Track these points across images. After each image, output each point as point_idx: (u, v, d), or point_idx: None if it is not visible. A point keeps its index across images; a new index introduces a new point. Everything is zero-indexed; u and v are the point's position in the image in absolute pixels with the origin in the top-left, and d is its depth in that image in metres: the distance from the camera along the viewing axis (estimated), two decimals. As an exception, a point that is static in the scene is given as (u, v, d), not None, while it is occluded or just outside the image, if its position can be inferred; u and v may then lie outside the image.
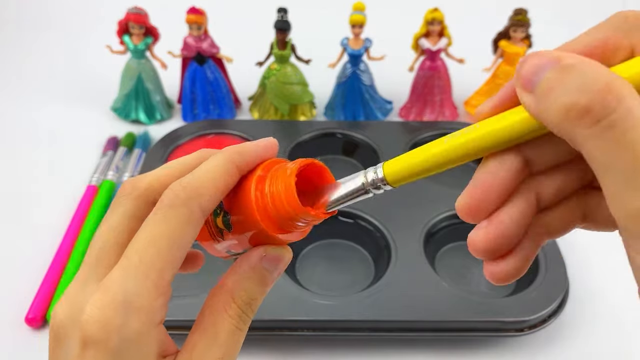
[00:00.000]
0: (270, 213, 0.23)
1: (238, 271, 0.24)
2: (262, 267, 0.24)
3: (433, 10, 0.69)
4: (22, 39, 0.95)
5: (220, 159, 0.23)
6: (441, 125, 0.71)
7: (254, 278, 0.23)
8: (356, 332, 0.47)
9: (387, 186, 0.23)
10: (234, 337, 0.23)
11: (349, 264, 0.55)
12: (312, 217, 0.23)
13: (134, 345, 0.20)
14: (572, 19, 0.98)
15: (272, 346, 0.49)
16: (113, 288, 0.20)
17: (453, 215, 0.55)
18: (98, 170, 0.65)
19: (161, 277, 0.21)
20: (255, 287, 0.24)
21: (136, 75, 0.73)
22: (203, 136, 0.68)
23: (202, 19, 0.69)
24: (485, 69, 0.73)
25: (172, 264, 0.21)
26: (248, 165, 0.24)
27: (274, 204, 0.23)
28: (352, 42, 0.70)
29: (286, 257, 0.24)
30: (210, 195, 0.22)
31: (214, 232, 0.24)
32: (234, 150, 0.23)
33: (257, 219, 0.23)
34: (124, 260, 0.21)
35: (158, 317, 0.21)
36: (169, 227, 0.21)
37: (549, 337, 0.49)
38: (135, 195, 0.23)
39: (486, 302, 0.48)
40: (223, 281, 0.24)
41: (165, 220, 0.21)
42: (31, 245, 0.57)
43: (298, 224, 0.23)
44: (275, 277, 0.24)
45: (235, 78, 0.78)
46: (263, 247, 0.24)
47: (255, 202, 0.23)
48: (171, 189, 0.22)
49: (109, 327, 0.19)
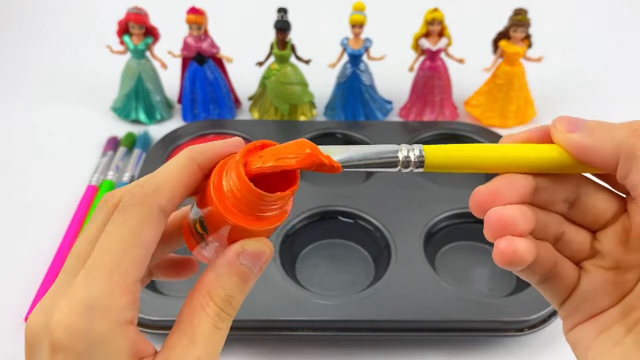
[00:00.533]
0: (230, 202, 0.22)
1: (215, 268, 0.23)
2: (239, 264, 0.23)
3: (433, 10, 0.69)
4: (22, 39, 0.95)
5: (181, 158, 0.23)
6: (441, 125, 0.71)
7: (232, 275, 0.23)
8: (356, 332, 0.47)
9: (418, 168, 0.24)
10: (213, 336, 0.22)
11: (349, 264, 0.55)
12: (274, 198, 0.22)
13: (101, 346, 0.20)
14: (572, 19, 0.98)
15: (272, 346, 0.49)
16: (78, 292, 0.20)
17: (453, 215, 0.56)
18: (98, 170, 0.65)
19: (124, 277, 0.21)
20: (233, 285, 0.23)
21: (136, 75, 0.73)
22: (203, 136, 0.68)
23: (202, 19, 0.69)
24: (485, 69, 0.73)
25: (135, 264, 0.21)
26: (210, 162, 0.24)
27: (231, 192, 0.22)
28: (352, 42, 0.70)
29: (266, 252, 0.23)
30: (169, 193, 0.22)
31: (197, 237, 0.24)
32: (195, 148, 0.24)
33: (220, 210, 0.22)
34: (87, 264, 0.21)
35: (125, 316, 0.21)
36: (128, 227, 0.21)
37: (549, 337, 0.49)
38: (111, 204, 0.23)
39: (486, 302, 0.48)
40: (201, 279, 0.23)
41: (124, 220, 0.21)
42: (31, 245, 0.57)
43: (264, 207, 0.22)
44: (255, 274, 0.24)
45: (235, 78, 0.78)
46: (240, 242, 0.23)
47: (214, 193, 0.22)
48: (129, 190, 0.22)
49: (75, 331, 0.20)
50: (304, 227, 0.55)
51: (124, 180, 0.64)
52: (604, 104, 0.80)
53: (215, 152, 0.24)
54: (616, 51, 0.92)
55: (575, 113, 0.24)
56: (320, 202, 0.57)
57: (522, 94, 0.73)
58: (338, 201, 0.57)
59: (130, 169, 0.65)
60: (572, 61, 0.87)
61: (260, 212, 0.22)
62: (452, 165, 0.24)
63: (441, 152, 0.24)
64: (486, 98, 0.74)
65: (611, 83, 0.84)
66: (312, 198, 0.57)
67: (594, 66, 0.87)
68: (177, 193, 0.23)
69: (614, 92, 0.82)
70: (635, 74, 0.86)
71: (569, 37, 0.93)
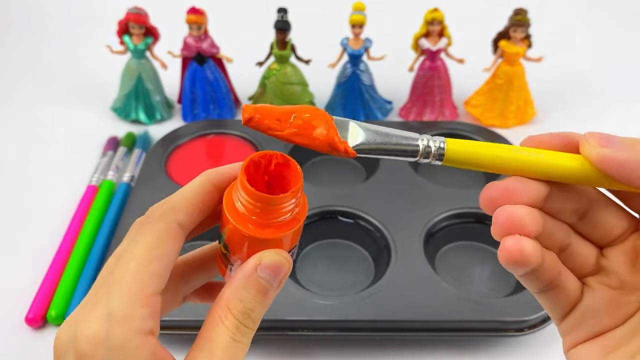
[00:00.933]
0: (242, 215, 0.23)
1: (234, 281, 0.23)
2: (257, 276, 0.23)
3: (433, 10, 0.69)
4: (23, 39, 0.95)
5: (198, 179, 0.25)
6: (441, 125, 0.71)
7: (250, 287, 0.23)
8: (356, 332, 0.47)
9: (437, 161, 0.23)
10: (232, 349, 0.22)
11: (349, 264, 0.55)
12: (279, 199, 0.22)
13: (120, 353, 0.20)
14: (572, 19, 0.98)
15: (272, 346, 0.49)
16: (100, 305, 0.21)
17: (453, 215, 0.56)
18: (98, 170, 0.65)
19: (143, 288, 0.21)
20: (251, 297, 0.23)
21: (136, 75, 0.73)
22: (203, 136, 0.68)
23: (202, 19, 0.69)
24: (485, 69, 0.73)
25: (154, 276, 0.22)
26: (226, 183, 0.25)
27: (241, 204, 0.23)
28: (352, 42, 0.70)
29: (284, 265, 0.24)
30: (186, 210, 0.24)
31: (225, 261, 0.25)
32: (212, 170, 0.25)
33: (233, 224, 0.23)
34: (109, 279, 0.22)
35: (144, 326, 0.21)
36: (147, 241, 0.22)
37: (549, 337, 0.49)
38: (137, 225, 0.24)
39: (486, 302, 0.48)
40: (220, 294, 0.23)
41: (143, 235, 0.23)
42: (31, 245, 0.57)
43: (273, 212, 0.23)
44: (275, 287, 0.24)
45: (235, 78, 0.78)
46: (258, 254, 0.23)
47: (227, 209, 0.23)
48: (149, 209, 0.24)
49: (96, 341, 0.20)
50: (304, 227, 0.55)
51: (124, 180, 0.64)
52: (604, 104, 0.80)
53: (230, 172, 0.25)
54: (616, 51, 0.92)
55: (575, 113, 0.24)
56: (320, 202, 0.57)
57: (522, 94, 0.73)
58: (338, 201, 0.57)
59: (130, 169, 0.65)
60: (571, 61, 0.87)
61: (271, 219, 0.23)
62: (471, 162, 0.23)
63: (463, 147, 0.23)
64: (486, 98, 0.74)
65: (611, 83, 0.84)
66: (312, 198, 0.57)
67: (594, 66, 0.88)
68: (195, 210, 0.24)
69: (614, 92, 0.82)
70: (635, 74, 0.86)
71: (568, 37, 0.93)
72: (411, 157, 0.23)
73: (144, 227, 0.23)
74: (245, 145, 0.67)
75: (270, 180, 0.24)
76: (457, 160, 0.23)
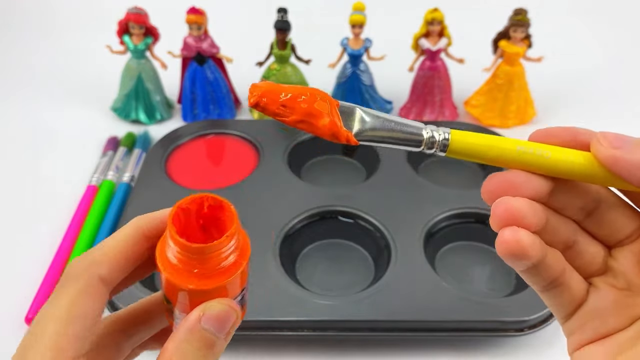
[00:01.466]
0: (175, 266, 0.21)
1: (177, 334, 0.21)
2: (201, 328, 0.21)
3: (433, 10, 0.69)
4: (23, 40, 0.95)
5: (127, 227, 0.23)
6: (441, 125, 0.70)
7: (193, 341, 0.21)
8: (356, 332, 0.47)
9: (441, 152, 0.23)
10: None
11: (349, 264, 0.55)
12: (214, 246, 0.21)
13: None
14: (572, 19, 0.98)
15: (272, 346, 0.49)
16: None
17: (453, 215, 0.56)
18: (98, 170, 0.65)
19: (60, 354, 0.20)
20: (196, 351, 0.21)
21: (136, 75, 0.73)
22: (203, 136, 0.68)
23: (202, 19, 0.69)
24: (485, 69, 0.73)
25: (72, 340, 0.20)
26: (157, 230, 0.23)
27: (173, 255, 0.21)
28: (352, 42, 0.70)
29: (231, 315, 0.22)
30: (109, 263, 0.22)
31: (169, 313, 0.23)
32: (143, 216, 0.23)
33: (168, 277, 0.21)
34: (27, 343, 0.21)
35: None
36: (65, 302, 0.21)
37: (549, 337, 0.49)
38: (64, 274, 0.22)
39: (486, 302, 0.48)
40: (164, 347, 0.22)
41: (62, 293, 0.21)
42: (31, 245, 0.57)
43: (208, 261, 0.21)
44: (222, 339, 0.22)
45: (235, 78, 0.78)
46: (201, 305, 0.22)
47: (160, 261, 0.22)
48: (72, 261, 0.22)
49: None
50: (304, 227, 0.55)
51: (124, 180, 0.64)
52: (604, 104, 0.79)
53: (163, 218, 0.23)
54: (616, 51, 0.92)
55: (575, 113, 0.24)
56: (320, 202, 0.57)
57: (522, 94, 0.73)
58: (338, 201, 0.57)
59: (130, 169, 0.65)
60: (571, 61, 0.87)
61: (209, 268, 0.21)
62: (475, 155, 0.23)
63: (468, 139, 0.23)
64: (486, 98, 0.74)
65: (611, 83, 0.84)
66: (312, 198, 0.57)
67: (594, 66, 0.87)
68: (120, 262, 0.22)
69: (614, 92, 0.82)
70: (635, 74, 0.86)
71: (568, 37, 0.93)
72: (415, 146, 0.23)
73: (63, 283, 0.21)
74: (246, 145, 0.67)
75: (205, 224, 0.23)
76: (461, 152, 0.23)
